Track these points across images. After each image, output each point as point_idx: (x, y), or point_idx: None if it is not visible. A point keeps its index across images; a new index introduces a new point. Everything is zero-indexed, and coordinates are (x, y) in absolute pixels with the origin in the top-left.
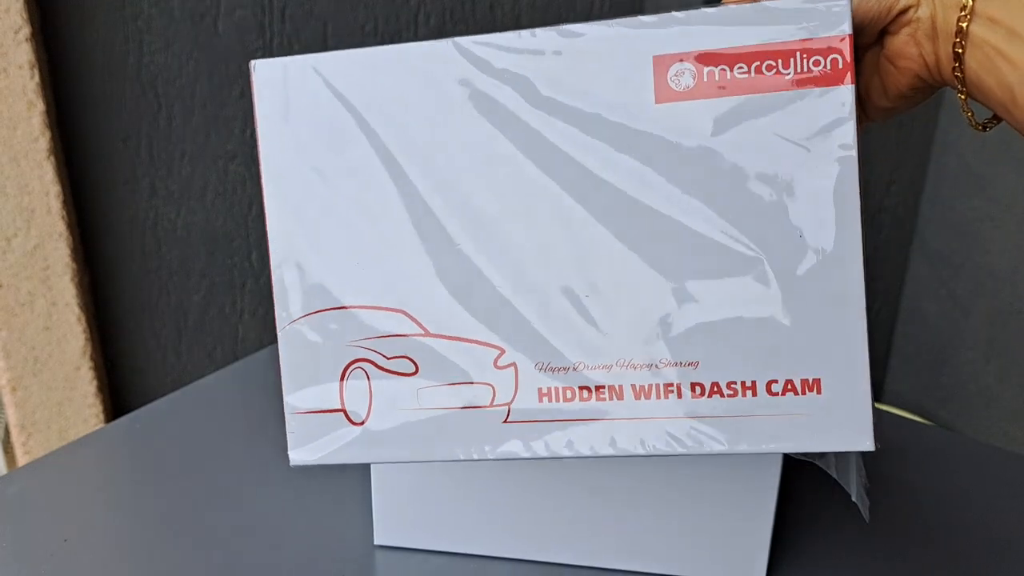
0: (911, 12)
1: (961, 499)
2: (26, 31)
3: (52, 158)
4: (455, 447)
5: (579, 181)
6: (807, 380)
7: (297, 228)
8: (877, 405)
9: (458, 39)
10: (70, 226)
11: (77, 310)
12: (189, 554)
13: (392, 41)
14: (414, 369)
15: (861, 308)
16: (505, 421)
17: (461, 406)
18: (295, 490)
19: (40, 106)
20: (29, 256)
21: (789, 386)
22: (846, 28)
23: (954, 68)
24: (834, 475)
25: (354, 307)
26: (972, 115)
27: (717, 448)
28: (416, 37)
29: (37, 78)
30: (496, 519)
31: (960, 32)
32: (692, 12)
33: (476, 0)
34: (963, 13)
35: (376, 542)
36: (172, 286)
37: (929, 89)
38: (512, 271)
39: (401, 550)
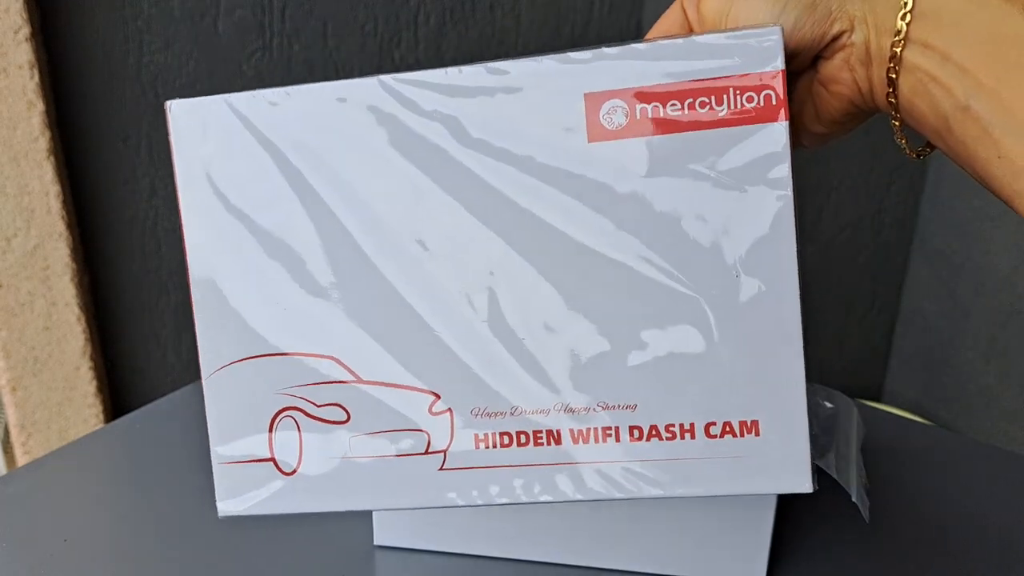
0: (845, 37)
1: (961, 499)
2: (26, 31)
3: (52, 158)
4: (389, 496)
5: (512, 222)
6: (745, 422)
7: (221, 273)
8: (877, 405)
9: (383, 77)
10: (70, 226)
11: (77, 310)
12: (189, 554)
13: (391, 41)
14: (346, 417)
15: (799, 348)
16: (441, 468)
17: (395, 454)
18: None
19: (40, 106)
20: (29, 256)
21: (727, 428)
22: (778, 63)
23: (888, 94)
24: (834, 475)
25: (282, 354)
26: (906, 141)
27: (655, 492)
28: (416, 37)
29: (37, 78)
30: (496, 519)
31: (894, 57)
32: (623, 47)
33: (476, 0)
34: (897, 38)
35: (376, 542)
36: (172, 286)
37: (862, 115)
38: (445, 314)
39: (401, 550)
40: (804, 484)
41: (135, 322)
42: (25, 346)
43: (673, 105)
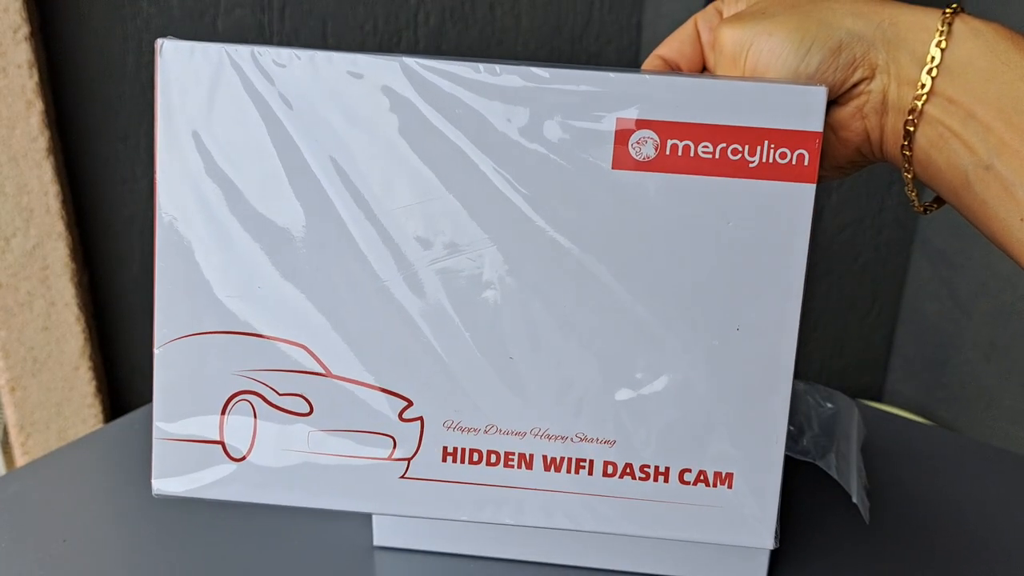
0: (863, 85)
1: (962, 499)
2: (25, 30)
3: (51, 157)
4: (342, 497)
5: (517, 235)
6: (720, 473)
7: (192, 239)
8: (877, 405)
9: (407, 60)
10: (69, 226)
11: (76, 310)
12: (188, 554)
13: (391, 40)
14: (308, 410)
15: (784, 411)
16: (402, 477)
17: (355, 455)
18: None
19: (39, 105)
20: (28, 256)
21: (701, 476)
22: (818, 125)
23: (903, 146)
24: (834, 475)
25: (247, 334)
26: (917, 195)
27: (619, 529)
28: (416, 37)
29: (36, 77)
30: None
31: (914, 110)
32: (663, 77)
33: (476, 0)
34: (920, 91)
35: (376, 543)
36: None
37: (865, 163)
38: (432, 319)
39: (401, 550)
40: (767, 541)
41: (135, 322)
42: (24, 346)
43: (705, 146)
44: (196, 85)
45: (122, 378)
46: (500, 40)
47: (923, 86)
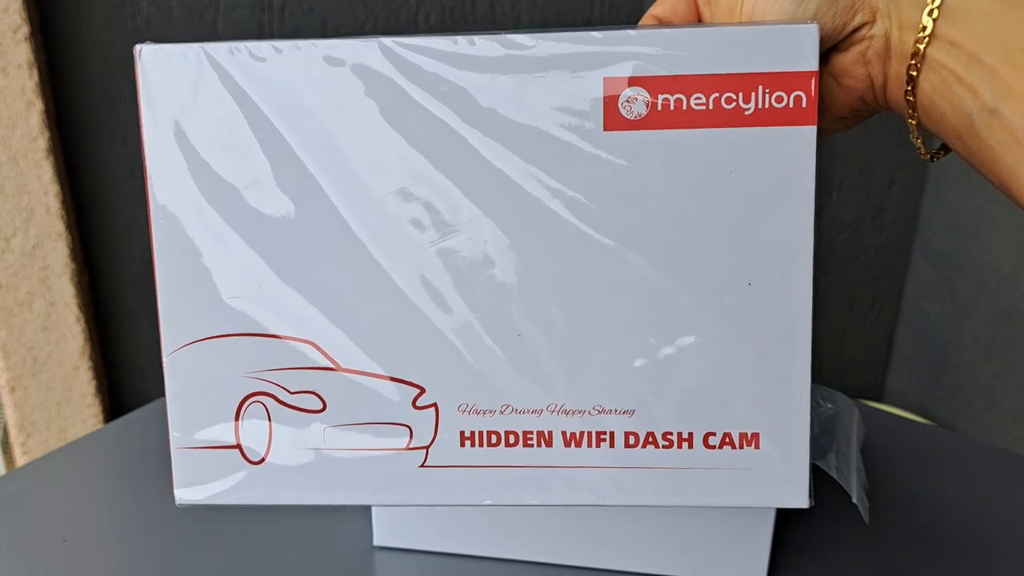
0: (864, 30)
1: (962, 499)
2: (25, 30)
3: (51, 157)
4: (364, 491)
5: (515, 209)
6: (745, 434)
7: (189, 242)
8: (877, 405)
9: (384, 40)
10: (69, 226)
11: (76, 310)
12: (188, 554)
13: None
14: (321, 406)
15: (806, 366)
16: (422, 465)
17: (373, 448)
18: None
19: (39, 105)
20: (28, 256)
21: (727, 440)
22: (812, 64)
23: (906, 92)
24: (834, 475)
25: (254, 335)
26: (922, 142)
27: (646, 501)
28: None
29: (36, 77)
30: (496, 520)
31: (916, 54)
32: (648, 31)
33: (476, 0)
34: (922, 34)
35: (376, 543)
36: None
37: (869, 112)
38: (437, 303)
39: (401, 551)
40: (801, 500)
41: (135, 322)
42: (24, 346)
43: (697, 98)
44: (177, 87)
45: (122, 378)
46: None
47: (925, 29)
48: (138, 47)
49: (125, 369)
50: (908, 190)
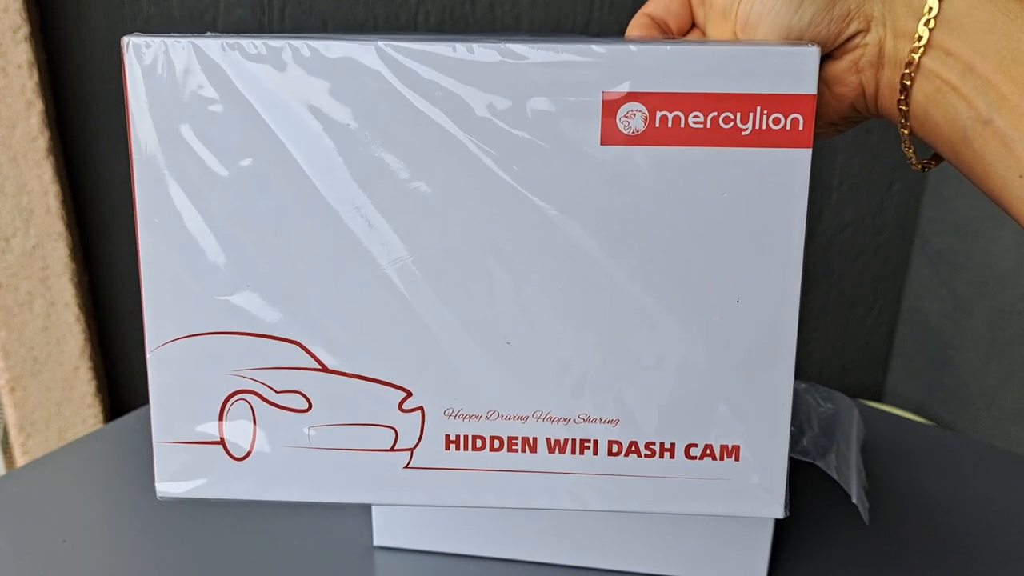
0: (859, 38)
1: (962, 499)
2: (25, 30)
3: (51, 158)
4: (347, 489)
5: (507, 216)
6: (726, 446)
7: (175, 239)
8: (877, 405)
9: (381, 44)
10: (69, 226)
11: (76, 310)
12: (188, 554)
13: None
14: (307, 406)
15: (789, 381)
16: (406, 467)
17: (357, 448)
18: None
19: (39, 105)
20: (28, 256)
21: (708, 451)
22: (811, 87)
23: (899, 100)
24: (834, 475)
25: (240, 333)
26: (914, 151)
27: (626, 507)
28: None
29: (36, 77)
30: (496, 520)
31: (911, 63)
32: (648, 45)
33: (476, 0)
34: (917, 44)
35: (376, 543)
36: None
37: (859, 119)
38: (427, 308)
39: (401, 551)
40: (776, 511)
41: (135, 322)
42: (24, 346)
43: (696, 116)
44: (167, 81)
45: (122, 378)
46: None
47: (920, 38)
48: (126, 39)
49: (125, 369)
50: (908, 190)
